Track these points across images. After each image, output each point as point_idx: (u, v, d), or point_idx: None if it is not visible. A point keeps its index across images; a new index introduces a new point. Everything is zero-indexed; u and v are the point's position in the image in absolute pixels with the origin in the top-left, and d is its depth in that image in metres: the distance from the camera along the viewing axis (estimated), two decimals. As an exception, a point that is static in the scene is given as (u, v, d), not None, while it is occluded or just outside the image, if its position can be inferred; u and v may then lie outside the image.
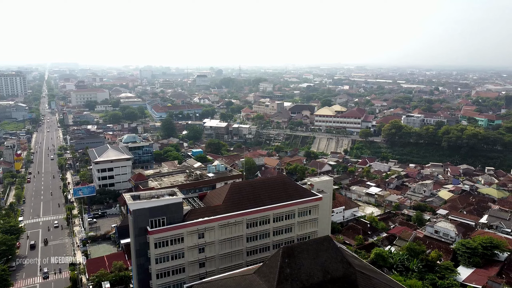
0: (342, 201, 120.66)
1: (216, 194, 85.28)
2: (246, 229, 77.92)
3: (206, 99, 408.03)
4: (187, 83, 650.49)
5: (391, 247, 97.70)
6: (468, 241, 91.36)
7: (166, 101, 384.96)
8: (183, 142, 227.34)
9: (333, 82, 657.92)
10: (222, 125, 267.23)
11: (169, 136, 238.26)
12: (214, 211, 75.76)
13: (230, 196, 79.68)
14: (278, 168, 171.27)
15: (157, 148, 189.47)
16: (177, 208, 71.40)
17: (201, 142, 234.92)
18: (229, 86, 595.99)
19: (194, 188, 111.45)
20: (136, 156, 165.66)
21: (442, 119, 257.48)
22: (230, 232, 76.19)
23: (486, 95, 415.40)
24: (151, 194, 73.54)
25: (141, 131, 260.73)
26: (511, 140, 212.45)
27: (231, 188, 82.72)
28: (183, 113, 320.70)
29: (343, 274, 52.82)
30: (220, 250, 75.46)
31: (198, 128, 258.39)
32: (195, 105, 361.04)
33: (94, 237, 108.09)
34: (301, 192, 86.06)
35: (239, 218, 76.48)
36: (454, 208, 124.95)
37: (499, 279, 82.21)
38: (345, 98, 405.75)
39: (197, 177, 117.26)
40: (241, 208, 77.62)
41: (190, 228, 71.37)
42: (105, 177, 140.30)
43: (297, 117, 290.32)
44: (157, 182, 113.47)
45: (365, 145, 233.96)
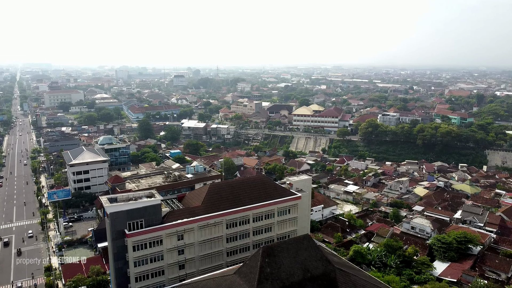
0: (320, 200, 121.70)
1: (195, 195, 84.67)
2: (226, 230, 77.67)
3: (183, 100, 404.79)
4: (164, 83, 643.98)
5: (369, 244, 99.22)
6: (443, 236, 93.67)
7: (143, 102, 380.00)
8: (161, 143, 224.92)
9: (311, 81, 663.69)
10: (200, 125, 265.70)
11: (146, 137, 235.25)
12: (193, 212, 75.18)
13: (209, 197, 79.24)
14: (257, 168, 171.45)
15: (134, 150, 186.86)
16: (155, 210, 70.51)
17: (179, 143, 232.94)
18: (207, 86, 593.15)
19: (173, 190, 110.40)
20: (112, 158, 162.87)
21: (416, 118, 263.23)
22: (210, 233, 75.78)
23: (458, 94, 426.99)
24: (128, 196, 72.34)
25: (117, 132, 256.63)
26: (483, 137, 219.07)
27: (210, 188, 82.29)
28: (161, 113, 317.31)
29: (322, 272, 53.25)
30: (200, 252, 74.95)
31: (176, 129, 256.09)
32: (172, 106, 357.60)
33: (70, 242, 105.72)
34: (280, 192, 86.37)
35: (218, 219, 76.15)
36: (429, 204, 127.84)
37: (472, 272, 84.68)
38: (322, 97, 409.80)
39: (175, 178, 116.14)
40: (221, 208, 77.31)
41: (169, 230, 70.62)
42: (81, 180, 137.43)
43: (276, 117, 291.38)
44: (135, 184, 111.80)
45: (342, 144, 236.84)
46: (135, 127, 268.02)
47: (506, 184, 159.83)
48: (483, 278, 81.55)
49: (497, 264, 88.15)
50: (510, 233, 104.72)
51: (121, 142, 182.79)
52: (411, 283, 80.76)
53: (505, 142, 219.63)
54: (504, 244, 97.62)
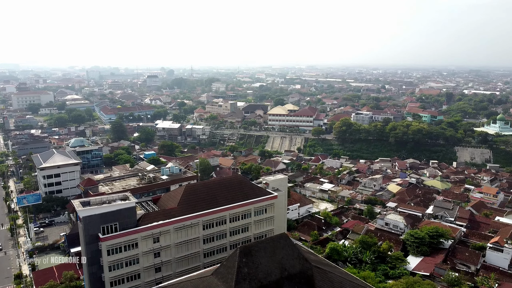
0: (297, 199, 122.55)
1: (171, 196, 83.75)
2: (203, 231, 77.13)
3: (157, 100, 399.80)
4: (137, 83, 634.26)
5: (344, 241, 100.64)
6: (416, 232, 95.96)
7: (115, 103, 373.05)
8: (135, 144, 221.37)
9: (285, 81, 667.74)
10: (175, 126, 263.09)
11: (119, 139, 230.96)
12: (169, 214, 74.30)
13: (185, 198, 78.51)
14: (233, 168, 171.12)
15: (107, 152, 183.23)
16: (130, 213, 69.34)
17: (153, 144, 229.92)
18: (181, 86, 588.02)
19: (148, 192, 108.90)
20: (84, 161, 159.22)
21: (389, 116, 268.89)
22: (186, 235, 75.09)
23: (428, 92, 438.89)
24: (102, 199, 70.81)
25: (89, 134, 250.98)
26: (452, 134, 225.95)
27: (186, 190, 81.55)
28: (134, 114, 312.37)
29: (299, 270, 53.61)
30: (177, 254, 74.15)
31: (150, 130, 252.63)
32: (146, 106, 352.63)
33: (42, 247, 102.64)
34: (256, 191, 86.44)
35: (195, 220, 75.53)
36: (402, 200, 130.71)
37: (444, 265, 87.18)
38: (297, 97, 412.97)
39: (150, 180, 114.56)
40: (197, 209, 76.71)
41: (144, 232, 69.55)
42: (52, 183, 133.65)
43: (251, 117, 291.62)
44: (108, 187, 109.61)
45: (317, 143, 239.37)
46: (108, 129, 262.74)
47: (475, 180, 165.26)
48: (454, 271, 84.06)
49: (467, 257, 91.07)
50: (479, 226, 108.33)
51: (93, 144, 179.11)
52: (386, 278, 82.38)
53: (473, 139, 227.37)
54: (473, 237, 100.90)
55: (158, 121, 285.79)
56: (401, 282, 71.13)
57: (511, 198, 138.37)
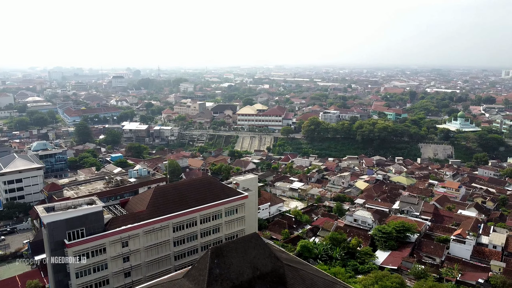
0: (267, 198, 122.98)
1: (139, 199, 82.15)
2: (173, 233, 76.10)
3: (124, 101, 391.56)
4: (102, 84, 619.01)
5: (315, 238, 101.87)
6: (383, 227, 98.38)
7: (79, 104, 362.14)
8: (101, 147, 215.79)
9: (254, 81, 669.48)
10: (143, 127, 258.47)
11: (84, 142, 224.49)
12: (137, 218, 72.86)
13: (154, 201, 77.21)
14: (203, 169, 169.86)
15: (71, 155, 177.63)
16: (97, 217, 67.48)
17: (120, 146, 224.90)
18: (148, 87, 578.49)
19: (115, 195, 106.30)
20: (48, 165, 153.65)
21: (355, 115, 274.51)
22: (156, 238, 73.86)
23: (393, 91, 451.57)
24: (67, 204, 68.57)
25: (52, 137, 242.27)
26: (416, 131, 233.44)
27: (154, 192, 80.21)
28: (99, 116, 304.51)
29: (271, 268, 53.80)
30: (146, 257, 72.82)
31: (117, 132, 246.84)
32: (112, 108, 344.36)
33: (3, 256, 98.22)
34: (227, 192, 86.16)
35: (164, 223, 74.43)
36: (369, 197, 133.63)
37: (411, 258, 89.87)
38: (266, 96, 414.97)
39: (117, 183, 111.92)
40: (167, 212, 75.60)
41: (112, 237, 67.88)
42: (13, 189, 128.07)
43: (220, 117, 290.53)
44: (74, 191, 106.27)
45: (286, 142, 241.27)
46: (72, 131, 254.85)
47: (438, 175, 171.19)
48: (421, 264, 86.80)
49: (432, 249, 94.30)
50: (442, 220, 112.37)
51: (57, 148, 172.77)
52: (356, 273, 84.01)
53: (436, 135, 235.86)
54: (437, 230, 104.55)
55: (125, 122, 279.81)
56: (370, 276, 72.69)
57: (472, 192, 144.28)
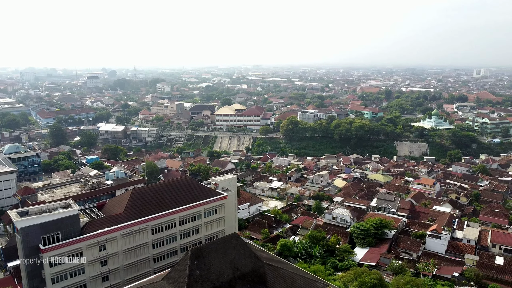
0: (247, 198, 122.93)
1: (117, 202, 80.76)
2: (152, 236, 75.10)
3: (99, 102, 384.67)
4: (76, 85, 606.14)
5: (295, 237, 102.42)
6: (361, 224, 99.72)
7: (53, 106, 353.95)
8: (76, 149, 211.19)
9: (232, 81, 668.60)
10: (119, 129, 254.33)
11: (59, 144, 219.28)
12: (115, 220, 71.57)
13: (132, 203, 76.02)
14: (181, 169, 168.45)
15: (46, 158, 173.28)
16: (73, 221, 65.92)
17: (96, 148, 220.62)
18: (124, 87, 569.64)
19: (92, 198, 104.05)
20: (21, 168, 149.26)
21: (333, 114, 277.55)
22: (134, 241, 72.74)
23: (369, 90, 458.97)
24: (41, 208, 66.75)
25: (25, 140, 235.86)
26: (392, 130, 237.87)
27: (132, 194, 79.00)
28: (74, 118, 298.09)
29: (252, 268, 53.78)
30: (125, 261, 71.62)
31: (92, 134, 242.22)
32: (87, 109, 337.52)
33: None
34: (206, 192, 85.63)
35: (143, 225, 73.39)
36: (348, 194, 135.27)
37: (389, 254, 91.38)
38: (244, 96, 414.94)
39: (94, 186, 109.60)
40: (145, 214, 74.56)
41: (89, 241, 66.46)
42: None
43: (198, 117, 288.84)
44: (48, 195, 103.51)
45: (265, 142, 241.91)
46: (46, 133, 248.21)
47: (414, 172, 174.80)
48: (398, 259, 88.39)
49: (409, 245, 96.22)
50: (419, 216, 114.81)
51: (30, 150, 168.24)
52: (335, 271, 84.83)
53: (411, 133, 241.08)
54: (414, 226, 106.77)
55: (101, 124, 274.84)
56: (350, 273, 73.53)
57: (446, 188, 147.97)
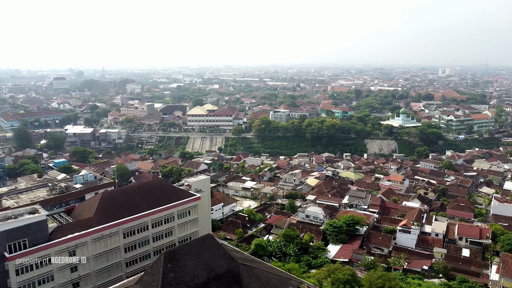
0: (220, 198, 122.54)
1: (86, 206, 78.78)
2: (123, 239, 73.59)
3: (66, 104, 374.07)
4: (42, 86, 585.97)
5: (269, 236, 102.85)
6: (334, 221, 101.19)
7: (17, 108, 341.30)
8: (42, 152, 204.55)
9: (203, 81, 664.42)
10: (88, 131, 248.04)
11: (24, 147, 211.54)
12: (85, 225, 69.72)
13: (102, 207, 74.27)
14: (153, 171, 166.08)
15: (10, 162, 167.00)
16: (40, 226, 63.74)
17: (64, 151, 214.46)
18: (93, 88, 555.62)
19: (60, 203, 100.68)
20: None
21: (304, 113, 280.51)
22: (106, 245, 71.06)
23: (339, 90, 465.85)
24: (6, 214, 64.15)
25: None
26: (362, 128, 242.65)
27: (102, 197, 77.21)
28: (40, 120, 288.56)
29: (226, 269, 53.61)
30: (96, 266, 69.87)
31: (59, 136, 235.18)
32: (53, 111, 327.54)
33: None
34: (179, 194, 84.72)
35: (114, 229, 71.80)
36: (320, 192, 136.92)
37: (361, 250, 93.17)
38: (216, 97, 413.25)
39: (62, 190, 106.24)
40: (116, 217, 72.98)
41: (58, 247, 64.43)
42: None
43: (169, 118, 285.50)
44: (13, 201, 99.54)
45: (238, 142, 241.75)
46: (10, 137, 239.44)
47: (383, 169, 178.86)
48: (370, 255, 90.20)
49: (380, 240, 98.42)
50: (389, 212, 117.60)
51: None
52: (310, 268, 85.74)
53: (381, 131, 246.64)
54: (385, 222, 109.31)
55: (68, 126, 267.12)
56: (323, 270, 74.42)
57: (415, 184, 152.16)
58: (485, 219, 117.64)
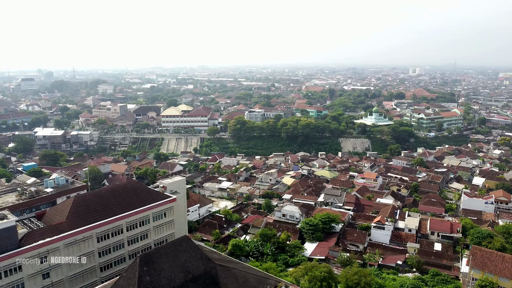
0: (196, 199, 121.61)
1: (58, 210, 76.58)
2: (97, 243, 71.93)
3: (35, 106, 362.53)
4: (9, 88, 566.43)
5: (246, 236, 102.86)
6: (310, 219, 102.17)
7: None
8: (11, 156, 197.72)
9: (177, 82, 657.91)
10: (58, 133, 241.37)
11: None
12: (57, 230, 67.76)
13: (74, 211, 72.38)
14: (127, 174, 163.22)
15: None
16: (9, 233, 61.51)
17: (33, 155, 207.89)
18: (63, 89, 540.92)
19: (30, 208, 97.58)
20: None
21: (279, 113, 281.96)
22: (79, 250, 69.30)
23: (313, 89, 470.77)
24: (-28, 221, 61.69)
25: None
26: (336, 127, 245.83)
27: (75, 201, 75.22)
28: (8, 123, 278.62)
29: (203, 270, 53.25)
30: (69, 271, 68.02)
31: (28, 139, 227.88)
32: (22, 113, 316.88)
33: None
34: (154, 196, 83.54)
35: (87, 233, 70.08)
36: (296, 191, 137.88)
37: (337, 247, 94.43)
38: (190, 97, 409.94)
39: (32, 195, 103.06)
40: (89, 221, 71.27)
41: (28, 253, 62.31)
42: None
43: (143, 119, 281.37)
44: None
45: (213, 142, 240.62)
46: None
47: (357, 167, 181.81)
48: (346, 252, 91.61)
49: (356, 237, 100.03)
50: (363, 209, 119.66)
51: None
52: (287, 267, 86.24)
53: (354, 130, 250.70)
54: (359, 219, 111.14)
55: (38, 128, 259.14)
56: (300, 268, 74.93)
57: (388, 181, 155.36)
58: (456, 213, 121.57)
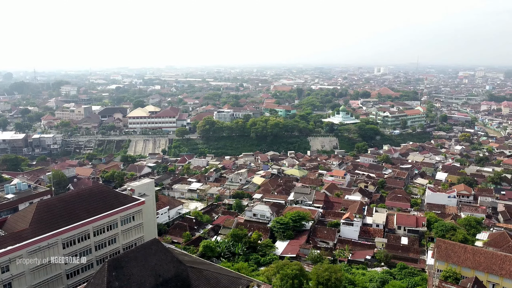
0: (165, 201, 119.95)
1: (20, 217, 73.50)
2: (63, 250, 69.57)
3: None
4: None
5: (217, 236, 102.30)
6: (281, 218, 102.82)
7: None
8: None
9: (144, 82, 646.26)
10: (19, 136, 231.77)
11: None
12: (19, 237, 64.99)
13: (38, 217, 69.66)
14: (93, 177, 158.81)
15: None
16: (-33, 242, 58.57)
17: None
18: (23, 91, 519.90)
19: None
20: None
21: (248, 113, 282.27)
22: (44, 257, 66.77)
23: (282, 89, 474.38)
24: None
25: None
26: (304, 126, 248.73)
27: (38, 207, 72.43)
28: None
29: (174, 273, 52.55)
30: (33, 280, 65.39)
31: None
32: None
33: None
34: (121, 199, 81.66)
35: (52, 239, 67.61)
36: (266, 191, 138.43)
37: (307, 245, 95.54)
38: (157, 98, 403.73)
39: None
40: (54, 227, 68.77)
41: (-12, 263, 59.55)
42: None
43: (109, 121, 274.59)
44: None
45: (182, 143, 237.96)
46: None
47: (326, 165, 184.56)
48: (316, 249, 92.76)
49: (326, 234, 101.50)
50: (333, 206, 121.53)
51: None
52: (258, 266, 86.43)
53: (322, 129, 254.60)
54: (329, 216, 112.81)
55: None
56: (272, 267, 75.26)
57: (356, 178, 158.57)
58: (421, 208, 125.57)
